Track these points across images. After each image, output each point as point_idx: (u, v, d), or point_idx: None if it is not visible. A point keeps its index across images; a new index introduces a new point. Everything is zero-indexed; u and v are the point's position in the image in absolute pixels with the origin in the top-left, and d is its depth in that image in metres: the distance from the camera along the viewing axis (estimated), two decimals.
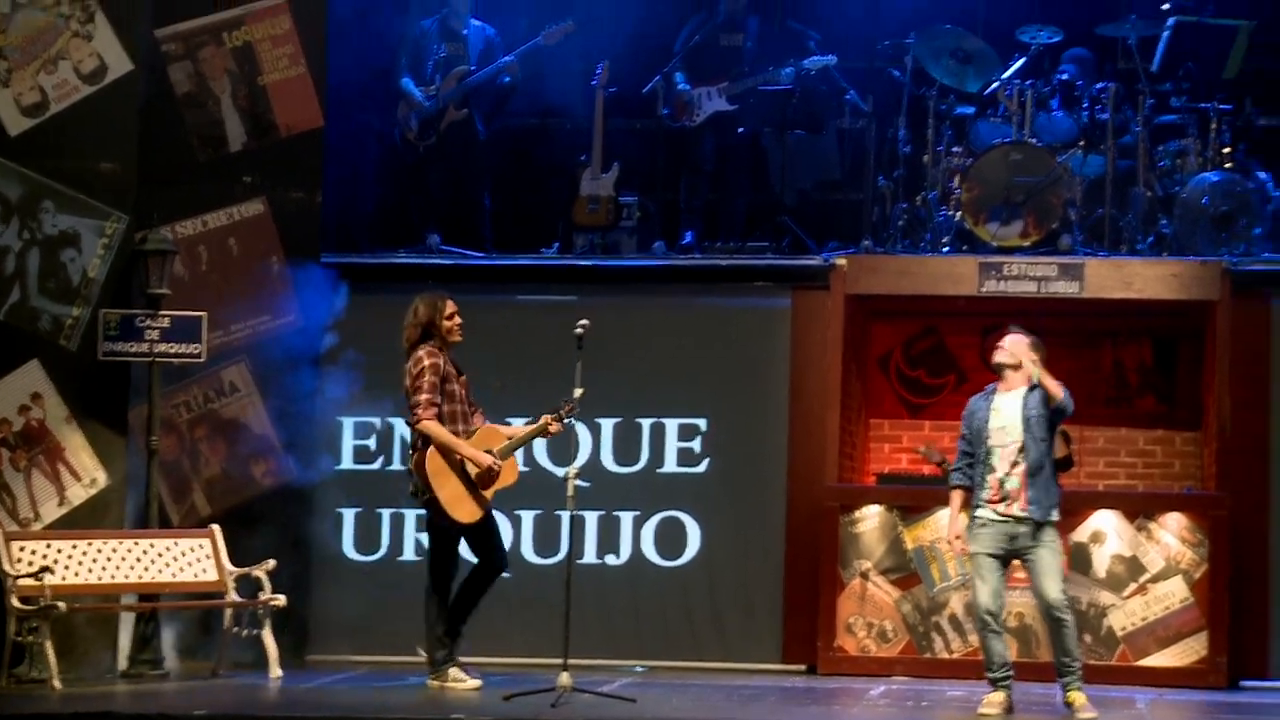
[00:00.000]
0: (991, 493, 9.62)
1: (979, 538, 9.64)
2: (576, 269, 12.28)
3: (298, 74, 12.05)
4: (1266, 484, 11.65)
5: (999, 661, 9.65)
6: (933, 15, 12.84)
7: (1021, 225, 12.18)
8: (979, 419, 9.68)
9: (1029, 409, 9.60)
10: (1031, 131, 12.32)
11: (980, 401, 9.77)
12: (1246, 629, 11.47)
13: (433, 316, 10.20)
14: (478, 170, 12.93)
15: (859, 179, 12.77)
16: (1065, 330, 12.22)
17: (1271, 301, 11.79)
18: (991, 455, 9.62)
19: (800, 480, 11.93)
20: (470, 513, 10.17)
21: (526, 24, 13.04)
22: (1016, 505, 9.58)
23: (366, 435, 12.16)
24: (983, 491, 9.64)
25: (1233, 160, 12.20)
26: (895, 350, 12.97)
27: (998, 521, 9.60)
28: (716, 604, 11.95)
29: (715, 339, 12.11)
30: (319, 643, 11.81)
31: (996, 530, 9.61)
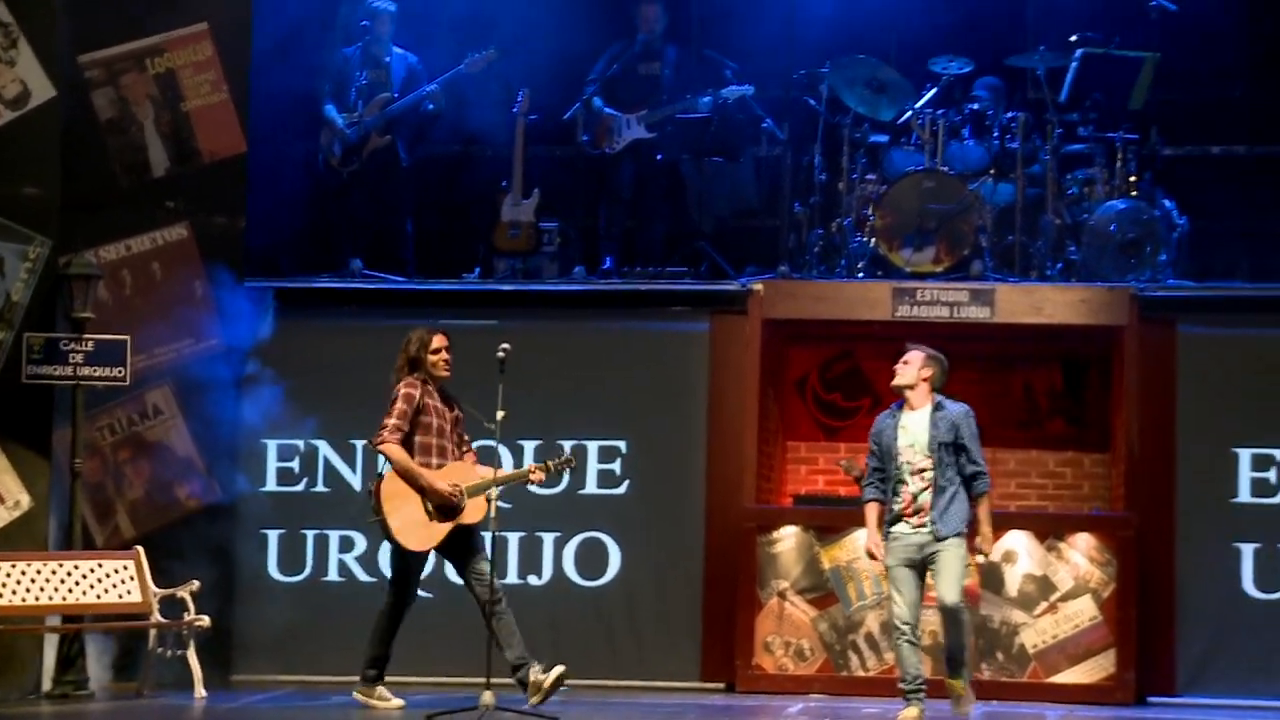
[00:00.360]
0: (904, 507, 9.77)
1: (893, 550, 9.79)
2: (497, 293, 12.28)
3: (220, 100, 12.10)
4: (1172, 505, 11.76)
5: (912, 674, 9.76)
6: (847, 45, 12.87)
7: (934, 251, 12.22)
8: (887, 437, 9.84)
9: (937, 429, 9.74)
10: (943, 160, 12.35)
11: (887, 420, 9.90)
12: (1153, 646, 11.58)
13: (418, 350, 10.22)
14: (400, 196, 12.91)
15: (775, 206, 12.83)
16: (977, 355, 12.31)
17: (1177, 326, 11.88)
18: (902, 472, 9.78)
19: (719, 501, 11.96)
20: (420, 541, 10.11)
21: (449, 52, 13.05)
22: (929, 519, 9.73)
23: (290, 457, 12.14)
24: (895, 506, 9.79)
25: (1139, 189, 12.28)
26: (811, 374, 13.02)
27: (910, 534, 9.76)
28: (636, 623, 11.98)
29: (635, 362, 12.14)
30: (243, 663, 11.80)
31: (909, 542, 9.76)
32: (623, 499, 11.96)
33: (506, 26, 13.28)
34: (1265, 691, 11.48)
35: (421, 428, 10.14)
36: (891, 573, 9.80)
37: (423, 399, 10.16)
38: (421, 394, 10.17)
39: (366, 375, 11.98)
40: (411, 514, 10.06)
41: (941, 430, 9.74)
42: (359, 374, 12.02)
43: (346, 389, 12.06)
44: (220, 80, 12.07)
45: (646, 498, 12.05)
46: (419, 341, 10.25)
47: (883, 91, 12.70)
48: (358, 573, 12.13)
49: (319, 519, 12.12)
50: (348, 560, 12.15)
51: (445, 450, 10.14)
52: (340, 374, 12.11)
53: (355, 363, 12.07)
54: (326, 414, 12.04)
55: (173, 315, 11.75)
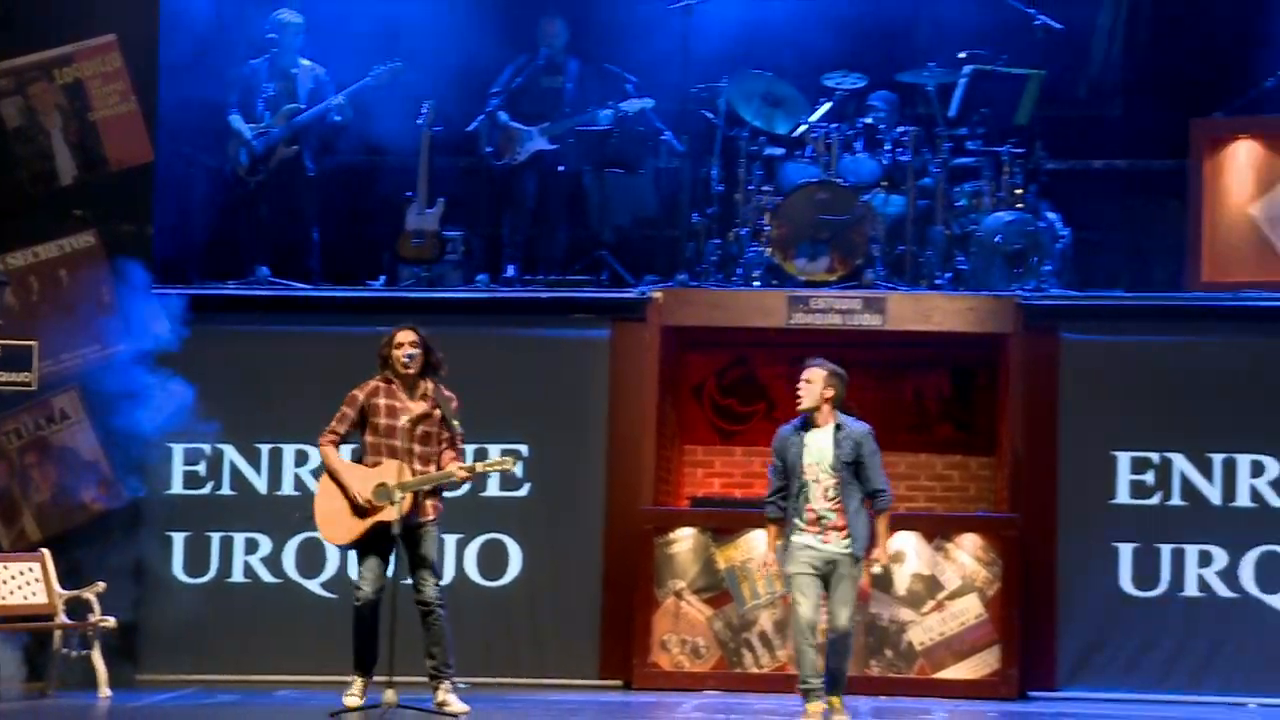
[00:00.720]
0: (809, 523, 9.83)
1: (797, 558, 9.81)
2: (402, 300, 12.20)
3: (128, 110, 12.12)
4: (1055, 506, 11.85)
5: (812, 671, 9.82)
6: (744, 61, 12.97)
7: (827, 261, 12.33)
8: (792, 454, 9.88)
9: (840, 449, 9.83)
10: (837, 172, 12.45)
11: (792, 436, 9.93)
12: (1035, 643, 11.70)
13: (385, 347, 10.08)
14: (307, 205, 12.92)
15: (674, 216, 12.94)
16: (868, 361, 12.41)
17: (1060, 334, 11.97)
18: (806, 488, 9.83)
19: (617, 504, 12.02)
20: (338, 536, 10.08)
21: (355, 64, 13.07)
22: (835, 536, 9.80)
23: (195, 461, 12.15)
24: (800, 520, 9.83)
25: (1024, 201, 12.43)
26: (708, 379, 13.14)
27: (816, 545, 9.80)
28: (537, 622, 12.03)
29: (537, 368, 12.18)
30: (149, 662, 11.80)
31: (814, 553, 9.81)
32: (524, 501, 11.98)
33: (412, 39, 13.30)
34: (1142, 686, 11.68)
35: (370, 428, 10.03)
36: (796, 579, 9.82)
37: (370, 399, 10.03)
38: (369, 394, 10.05)
39: (272, 381, 12.22)
40: (334, 510, 10.01)
41: (844, 450, 9.82)
42: (265, 379, 12.21)
43: (253, 394, 12.16)
44: (128, 90, 12.10)
45: (547, 500, 12.07)
46: (387, 338, 10.11)
47: (778, 106, 12.84)
48: (262, 574, 12.15)
49: (224, 521, 12.14)
50: (252, 562, 12.17)
51: (395, 450, 9.92)
52: (246, 379, 12.17)
53: (261, 368, 12.20)
54: (232, 418, 12.02)
55: (80, 321, 11.77)
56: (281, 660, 11.93)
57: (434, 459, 10.03)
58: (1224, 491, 11.87)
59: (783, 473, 9.92)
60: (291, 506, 11.92)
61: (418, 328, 10.13)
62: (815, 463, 9.83)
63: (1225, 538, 11.82)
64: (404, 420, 9.96)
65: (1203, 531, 11.84)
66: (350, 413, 10.06)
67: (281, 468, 12.20)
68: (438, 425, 10.05)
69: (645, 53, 13.24)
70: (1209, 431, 11.87)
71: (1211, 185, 12.35)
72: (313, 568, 12.12)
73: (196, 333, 11.90)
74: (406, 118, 13.03)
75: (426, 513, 10.02)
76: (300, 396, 11.88)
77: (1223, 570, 11.77)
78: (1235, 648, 11.72)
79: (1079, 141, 13.20)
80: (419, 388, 10.06)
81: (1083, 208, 12.94)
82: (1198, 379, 11.91)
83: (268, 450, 12.17)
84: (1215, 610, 11.77)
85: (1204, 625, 11.77)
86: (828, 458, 9.82)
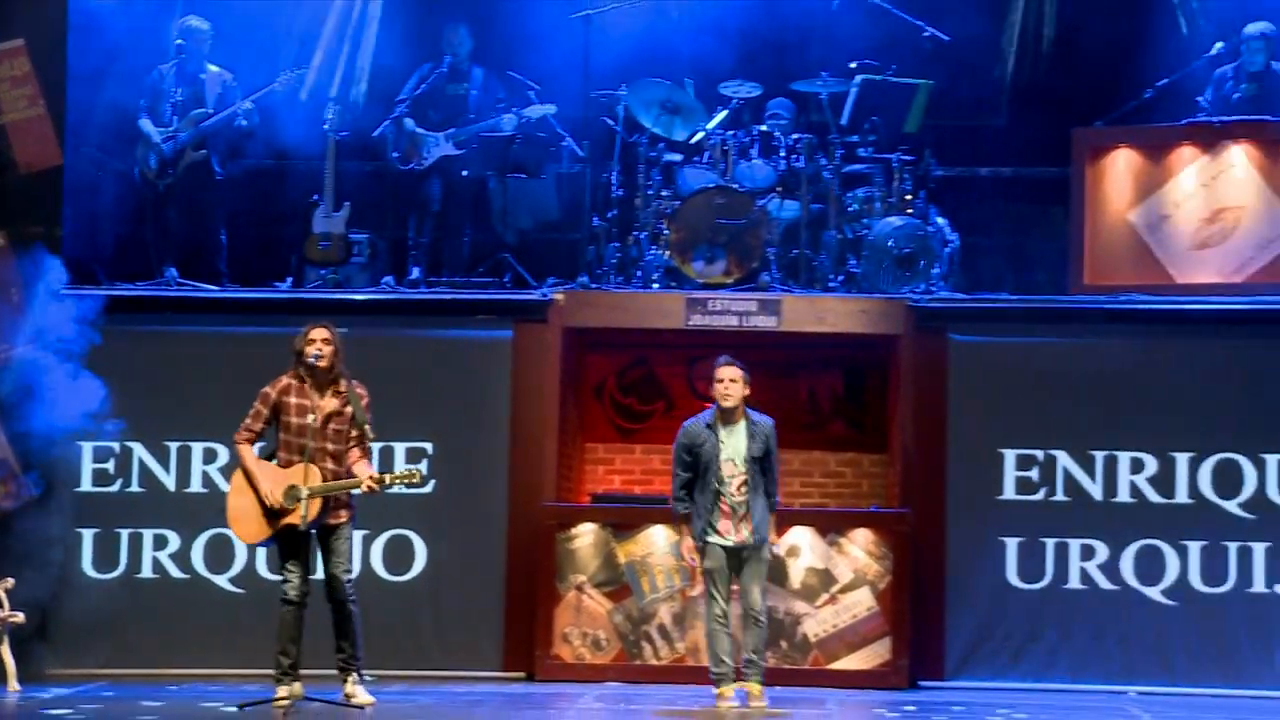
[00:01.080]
0: (722, 517, 10.18)
1: (713, 554, 10.23)
2: (309, 302, 12.16)
3: (37, 114, 12.12)
4: (944, 502, 11.99)
5: (728, 660, 10.21)
6: (643, 69, 13.07)
7: (724, 264, 12.44)
8: (708, 451, 10.21)
9: (754, 442, 10.21)
10: (733, 178, 12.54)
11: (706, 433, 10.25)
12: (925, 634, 11.84)
13: (299, 344, 10.09)
14: (215, 208, 12.93)
15: (576, 220, 12.95)
16: (764, 361, 12.34)
17: (948, 335, 12.10)
18: (722, 485, 10.18)
19: (520, 500, 12.07)
20: (249, 534, 10.12)
21: (263, 70, 13.11)
22: (745, 527, 10.18)
23: (104, 459, 12.16)
24: (713, 516, 10.18)
25: (914, 207, 12.52)
26: (609, 379, 13.22)
27: (730, 539, 10.20)
28: (441, 616, 12.05)
29: (441, 368, 12.21)
30: (58, 657, 11.80)
31: (727, 546, 10.22)
32: (428, 498, 11.95)
33: (318, 45, 13.43)
34: (1027, 675, 11.83)
35: (282, 426, 10.05)
36: (711, 574, 10.21)
37: (282, 397, 10.05)
38: (281, 391, 10.06)
39: (181, 380, 12.22)
40: (246, 508, 10.05)
41: (757, 444, 10.20)
42: (173, 379, 12.23)
43: (161, 393, 12.17)
44: (37, 95, 12.10)
45: (451, 497, 12.08)
46: (301, 334, 10.12)
47: (676, 113, 12.93)
48: (171, 569, 12.16)
49: (133, 518, 12.15)
50: (161, 557, 12.18)
51: (306, 449, 9.91)
52: (155, 379, 12.18)
53: (170, 368, 12.22)
54: (141, 417, 12.02)
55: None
56: (190, 654, 11.96)
57: (345, 456, 10.08)
58: (1105, 488, 12.01)
59: (690, 466, 10.22)
60: (200, 504, 12.01)
61: (331, 326, 10.19)
62: (731, 458, 10.19)
63: (1107, 532, 11.96)
64: (313, 419, 10.01)
65: (1085, 526, 11.97)
66: (263, 410, 10.10)
67: (190, 465, 12.22)
68: (348, 422, 10.09)
69: (547, 61, 13.31)
70: (1091, 430, 12.01)
71: (1092, 192, 12.46)
72: (221, 563, 12.14)
73: (106, 333, 11.90)
74: (313, 123, 13.08)
75: (340, 514, 10.08)
76: (208, 396, 11.95)
77: (1104, 563, 11.95)
78: (1116, 638, 11.91)
79: (966, 149, 13.36)
80: (330, 385, 10.11)
81: (970, 213, 13.11)
82: (1081, 379, 12.05)
83: (176, 448, 12.20)
84: (1097, 602, 11.91)
85: (1086, 616, 11.92)
86: (742, 452, 10.18)
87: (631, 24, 13.26)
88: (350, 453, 10.09)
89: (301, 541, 9.96)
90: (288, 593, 9.98)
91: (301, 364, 10.09)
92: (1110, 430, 12.05)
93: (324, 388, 10.10)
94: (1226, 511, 11.96)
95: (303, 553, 9.98)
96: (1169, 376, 12.06)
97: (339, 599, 10.05)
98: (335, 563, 10.04)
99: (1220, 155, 12.39)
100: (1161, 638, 11.91)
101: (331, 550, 10.06)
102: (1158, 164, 12.48)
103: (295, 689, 9.98)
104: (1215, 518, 11.95)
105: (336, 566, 10.04)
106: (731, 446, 10.24)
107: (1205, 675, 11.80)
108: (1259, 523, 11.93)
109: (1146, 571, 11.95)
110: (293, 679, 10.01)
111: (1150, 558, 11.96)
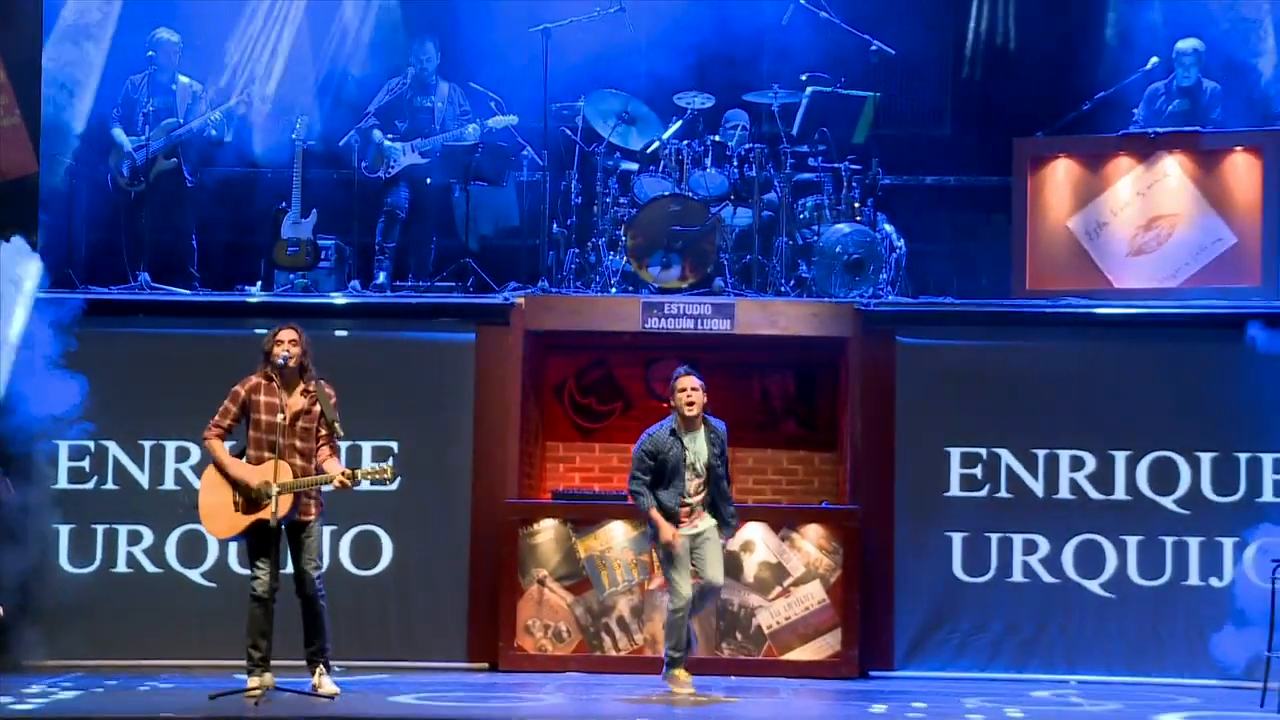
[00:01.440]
0: (684, 514, 10.70)
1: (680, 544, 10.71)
2: (278, 305, 12.31)
3: (13, 123, 12.15)
4: (892, 498, 12.15)
5: (686, 642, 10.67)
6: (601, 81, 13.24)
7: (679, 269, 12.59)
8: (675, 457, 10.70)
9: (713, 447, 10.73)
10: (688, 186, 12.70)
11: (671, 440, 10.72)
12: (874, 626, 12.01)
13: (267, 344, 10.24)
14: (186, 214, 13.05)
15: (536, 226, 13.04)
16: (718, 363, 12.65)
17: (896, 337, 12.25)
18: (685, 484, 10.68)
19: (483, 497, 12.17)
20: (221, 529, 10.24)
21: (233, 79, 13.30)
22: (700, 520, 10.74)
23: (80, 457, 12.25)
24: (674, 511, 10.68)
25: (862, 214, 12.68)
26: (569, 380, 13.37)
27: (687, 531, 10.71)
28: (408, 609, 12.16)
29: (406, 369, 12.30)
30: (36, 649, 11.81)
31: (685, 540, 10.71)
32: (394, 495, 11.93)
33: (284, 54, 13.56)
34: (973, 665, 12.05)
35: (252, 424, 10.18)
36: (675, 563, 10.67)
37: (250, 396, 10.17)
38: (250, 390, 10.18)
39: (154, 381, 12.29)
40: (218, 503, 10.16)
41: (715, 449, 10.73)
42: (146, 379, 12.32)
43: (135, 393, 12.28)
44: (12, 104, 12.12)
45: (417, 493, 12.15)
46: (270, 334, 10.25)
47: (633, 123, 13.10)
48: (145, 564, 12.28)
49: (108, 514, 12.24)
50: (135, 552, 12.28)
51: (276, 446, 10.02)
52: (129, 380, 12.28)
53: (143, 369, 12.32)
54: (116, 416, 12.15)
55: None
56: (164, 646, 12.07)
57: (314, 454, 10.23)
58: (1047, 485, 12.18)
59: (651, 470, 10.68)
60: (173, 500, 12.14)
61: (299, 327, 10.35)
62: (693, 462, 10.69)
63: (1048, 527, 12.12)
64: (282, 417, 10.13)
65: (1028, 522, 12.15)
66: (233, 407, 10.24)
67: (164, 463, 12.32)
68: (316, 421, 10.24)
69: (509, 73, 13.45)
70: (1033, 429, 12.17)
71: (1033, 200, 12.62)
72: (193, 558, 12.26)
73: (81, 336, 12.02)
74: (282, 132, 13.20)
75: (309, 511, 10.23)
76: (180, 396, 12.00)
77: (1045, 557, 12.13)
78: (1058, 629, 12.10)
79: (912, 159, 13.52)
80: (298, 384, 10.25)
81: (916, 221, 13.26)
82: (1023, 380, 12.20)
83: (150, 446, 12.30)
84: (1039, 594, 12.09)
85: (1029, 608, 12.10)
86: (703, 457, 10.72)
87: (589, 38, 13.37)
88: (320, 451, 10.25)
89: (271, 538, 10.08)
90: (257, 589, 10.12)
91: (270, 364, 10.22)
92: (1051, 429, 12.18)
93: (292, 387, 10.25)
94: (1163, 507, 12.15)
95: (272, 549, 10.10)
96: (1107, 378, 12.21)
97: (308, 594, 10.22)
98: (304, 558, 10.20)
99: (1155, 165, 12.59)
100: (1101, 629, 12.10)
101: (300, 546, 10.21)
102: (1095, 173, 12.66)
103: (266, 679, 10.13)
104: (1152, 513, 12.14)
105: (305, 562, 10.20)
106: (694, 452, 10.74)
107: (1143, 664, 12.00)
108: (1193, 518, 12.13)
109: (1086, 565, 12.13)
110: (263, 670, 10.15)
111: (1090, 552, 12.13)
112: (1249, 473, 12.09)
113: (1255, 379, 11.98)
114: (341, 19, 13.76)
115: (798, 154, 12.93)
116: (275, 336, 10.27)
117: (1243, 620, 11.70)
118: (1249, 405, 12.00)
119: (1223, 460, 12.11)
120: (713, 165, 12.90)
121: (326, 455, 10.27)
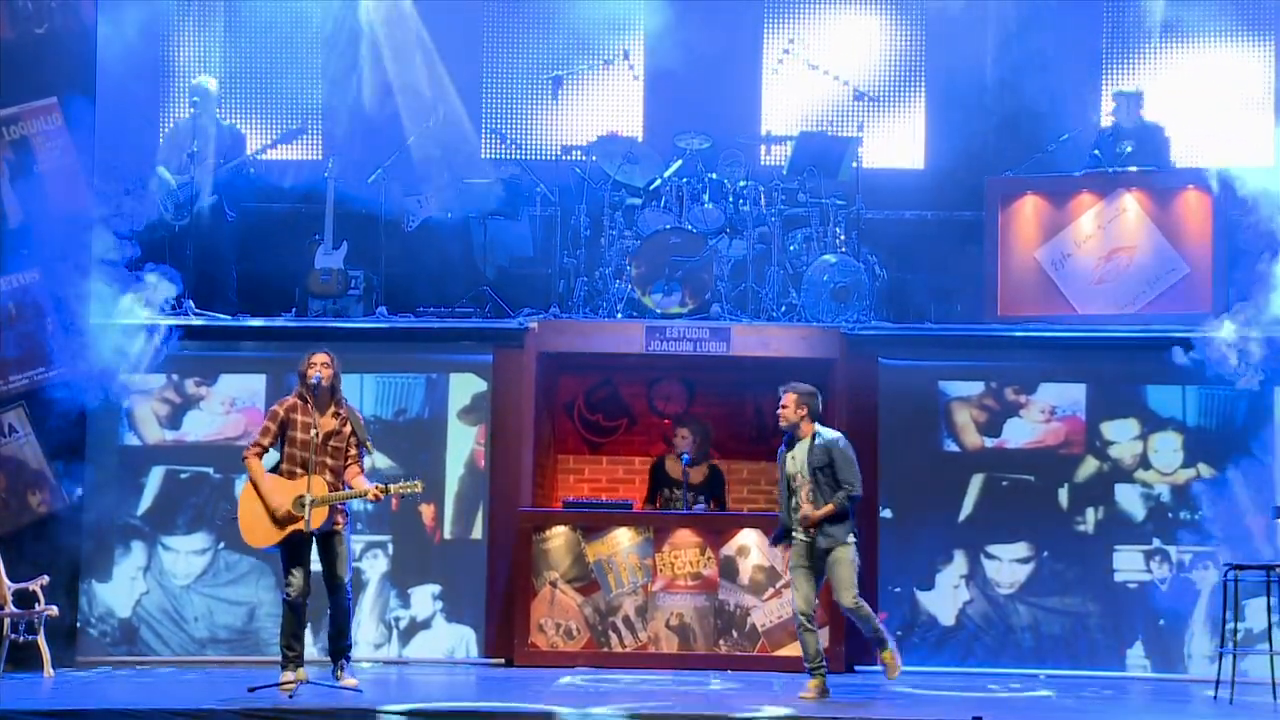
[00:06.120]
0: (798, 519, 10.27)
1: (792, 554, 10.32)
2: (311, 329, 12.26)
3: (68, 164, 12.10)
4: (875, 508, 11.94)
5: (813, 653, 10.25)
6: (608, 124, 13.29)
7: (680, 296, 12.54)
8: (780, 465, 10.37)
9: (812, 455, 10.24)
10: (687, 220, 12.69)
11: (782, 450, 10.42)
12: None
13: (302, 367, 10.20)
14: (226, 246, 13.00)
15: (548, 257, 13.01)
16: (716, 383, 12.67)
17: (878, 359, 12.25)
18: (796, 494, 10.30)
19: (500, 505, 12.15)
20: (258, 539, 10.15)
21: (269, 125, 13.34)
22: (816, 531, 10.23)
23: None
24: (794, 522, 10.28)
25: (846, 246, 12.70)
26: (578, 398, 13.35)
27: (803, 541, 10.28)
28: (429, 609, 12.10)
29: (430, 389, 12.23)
30: (87, 646, 11.84)
31: (803, 547, 10.29)
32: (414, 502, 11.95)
33: (316, 100, 13.58)
34: (950, 660, 11.97)
35: (287, 441, 10.12)
36: (792, 572, 10.31)
37: (288, 415, 10.12)
38: (287, 411, 10.14)
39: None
40: (256, 516, 10.10)
41: (816, 456, 10.26)
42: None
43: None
44: (69, 146, 12.07)
45: (439, 503, 12.11)
46: (305, 358, 10.23)
47: (636, 163, 13.04)
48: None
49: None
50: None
51: (309, 463, 9.98)
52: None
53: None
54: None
55: (26, 348, 11.72)
56: (206, 645, 12.02)
57: (343, 471, 10.18)
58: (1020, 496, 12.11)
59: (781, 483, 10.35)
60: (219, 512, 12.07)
61: (330, 352, 10.31)
62: (798, 471, 10.28)
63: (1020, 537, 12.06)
64: (315, 434, 10.08)
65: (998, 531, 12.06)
66: (272, 426, 10.19)
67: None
68: (347, 440, 10.19)
69: (524, 117, 13.48)
70: None
71: (1004, 233, 12.57)
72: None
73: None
74: (314, 171, 13.18)
75: (338, 522, 10.18)
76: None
77: (1014, 565, 12.02)
78: (1026, 628, 12.03)
79: (892, 195, 13.45)
80: (329, 405, 10.20)
81: (896, 252, 13.21)
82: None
83: None
84: (1010, 598, 12.01)
85: (1001, 610, 12.02)
86: (805, 466, 10.25)
87: (596, 85, 13.43)
88: (349, 470, 10.20)
89: (305, 547, 10.03)
90: (290, 594, 10.07)
91: (304, 385, 10.16)
92: None
93: (324, 407, 10.19)
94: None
95: (305, 557, 10.05)
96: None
97: (337, 596, 10.16)
98: (337, 566, 10.15)
99: (1115, 201, 12.53)
100: (1068, 629, 12.02)
101: (334, 555, 10.16)
102: (1061, 209, 12.60)
103: (300, 674, 10.06)
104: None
105: (339, 569, 10.14)
106: (798, 461, 10.31)
107: (1108, 660, 11.93)
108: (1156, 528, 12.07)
109: (1061, 571, 12.05)
110: (297, 666, 10.10)
111: (1058, 559, 12.08)
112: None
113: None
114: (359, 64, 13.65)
115: (788, 191, 12.93)
116: (309, 360, 10.24)
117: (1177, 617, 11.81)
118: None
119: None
120: (710, 201, 12.87)
121: (355, 473, 10.21)
